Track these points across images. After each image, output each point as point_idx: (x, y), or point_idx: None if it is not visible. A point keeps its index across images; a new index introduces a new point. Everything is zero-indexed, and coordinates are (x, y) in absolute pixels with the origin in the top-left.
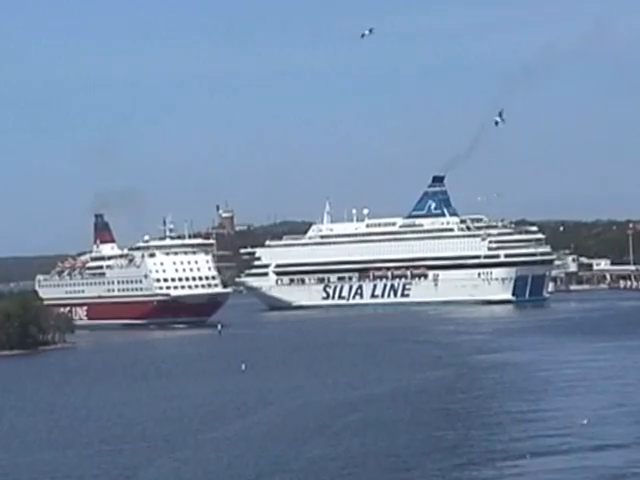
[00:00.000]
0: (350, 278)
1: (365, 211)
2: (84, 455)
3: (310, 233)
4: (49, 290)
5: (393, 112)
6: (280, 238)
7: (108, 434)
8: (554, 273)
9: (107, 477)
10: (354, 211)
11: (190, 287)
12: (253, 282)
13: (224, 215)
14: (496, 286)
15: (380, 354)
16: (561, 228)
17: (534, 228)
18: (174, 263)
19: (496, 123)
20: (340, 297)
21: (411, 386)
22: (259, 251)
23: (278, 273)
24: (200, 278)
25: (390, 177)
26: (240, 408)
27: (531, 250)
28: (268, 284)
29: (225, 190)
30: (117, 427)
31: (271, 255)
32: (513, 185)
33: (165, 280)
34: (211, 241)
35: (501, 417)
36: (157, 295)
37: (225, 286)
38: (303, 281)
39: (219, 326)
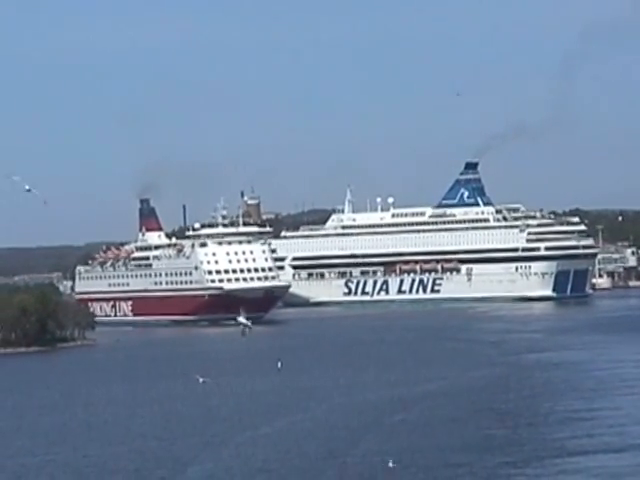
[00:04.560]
0: (374, 272)
1: (390, 200)
2: (136, 450)
3: (330, 223)
4: (90, 283)
5: (421, 87)
6: (297, 228)
7: (157, 430)
8: (611, 267)
9: (158, 469)
10: (378, 200)
11: (245, 280)
12: None
13: (250, 202)
14: (535, 281)
15: (425, 352)
16: (620, 218)
17: (576, 219)
18: (227, 253)
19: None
20: (363, 293)
21: (462, 385)
22: (274, 243)
23: (295, 267)
24: (256, 270)
25: (417, 163)
26: (286, 405)
27: (573, 243)
28: (284, 279)
29: (250, 175)
30: (165, 423)
31: (287, 247)
32: (564, 170)
33: (217, 272)
34: (268, 229)
35: (555, 416)
36: (209, 289)
37: None
38: (322, 275)
39: (249, 322)
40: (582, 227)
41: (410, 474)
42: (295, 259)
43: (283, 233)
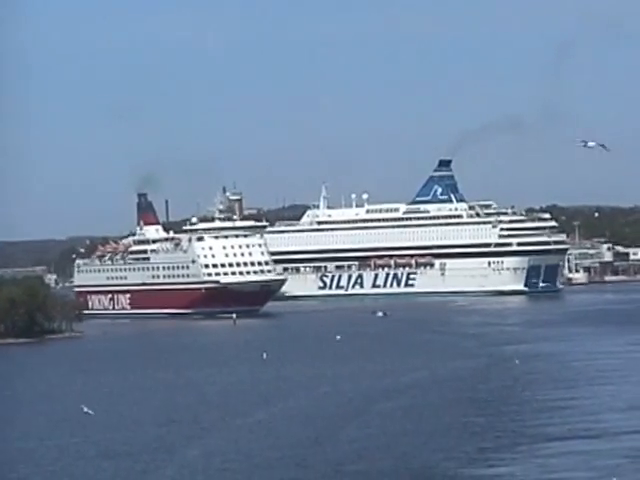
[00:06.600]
0: (349, 267)
1: (365, 196)
2: (136, 435)
3: (305, 219)
4: (88, 276)
5: (397, 85)
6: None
7: (156, 417)
8: (587, 263)
9: (155, 453)
10: (353, 196)
11: (242, 273)
12: None
13: (232, 198)
14: (507, 276)
15: (407, 344)
16: (596, 214)
17: (547, 215)
18: (224, 247)
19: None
20: (338, 287)
21: (443, 375)
22: None
23: None
24: (252, 264)
25: (391, 160)
26: (275, 394)
27: (544, 238)
28: None
29: (230, 170)
30: (164, 411)
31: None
32: (542, 167)
33: (214, 266)
34: (264, 223)
35: (534, 404)
36: (205, 282)
37: None
38: (298, 270)
39: (234, 315)
40: (553, 223)
41: (394, 458)
42: (270, 254)
43: None
